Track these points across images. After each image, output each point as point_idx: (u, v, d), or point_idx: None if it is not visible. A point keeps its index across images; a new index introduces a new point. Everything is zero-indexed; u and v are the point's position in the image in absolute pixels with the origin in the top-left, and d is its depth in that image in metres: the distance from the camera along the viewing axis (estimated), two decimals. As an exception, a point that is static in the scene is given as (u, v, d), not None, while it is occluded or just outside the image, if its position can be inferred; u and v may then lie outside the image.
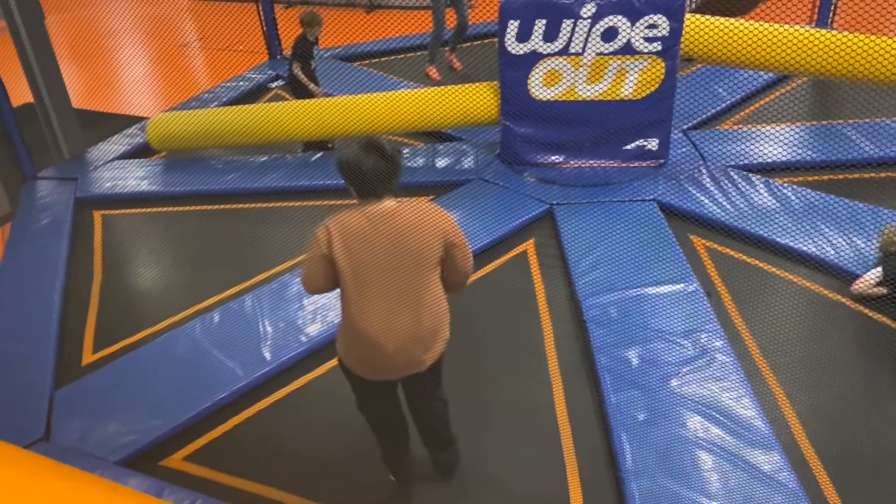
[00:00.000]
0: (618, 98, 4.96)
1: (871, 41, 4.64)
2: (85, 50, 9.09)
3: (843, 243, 4.04)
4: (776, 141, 5.37)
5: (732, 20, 5.07)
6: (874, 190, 4.77)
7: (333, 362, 3.70)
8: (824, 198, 4.56)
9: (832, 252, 4.10)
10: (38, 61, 5.63)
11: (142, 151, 6.08)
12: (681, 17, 4.71)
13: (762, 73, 6.36)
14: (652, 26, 4.71)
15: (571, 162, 5.23)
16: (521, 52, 4.86)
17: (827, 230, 4.24)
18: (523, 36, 4.81)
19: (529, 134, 5.15)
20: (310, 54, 5.70)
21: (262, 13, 7.38)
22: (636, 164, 5.19)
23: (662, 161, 5.20)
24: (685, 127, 5.66)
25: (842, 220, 4.28)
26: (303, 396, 3.58)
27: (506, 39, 4.84)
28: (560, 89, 4.97)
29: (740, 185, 4.81)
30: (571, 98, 4.99)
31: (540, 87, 4.98)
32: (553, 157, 5.23)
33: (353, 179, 2.31)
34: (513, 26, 4.79)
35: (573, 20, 4.72)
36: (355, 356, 2.48)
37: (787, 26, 4.94)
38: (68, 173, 5.75)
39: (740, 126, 5.76)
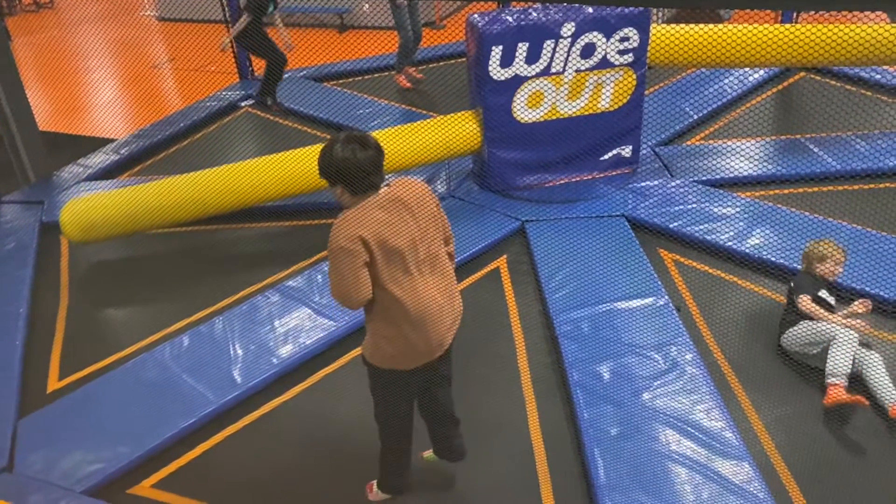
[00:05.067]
0: (596, 111, 5.06)
1: (819, 29, 4.98)
2: (52, 72, 9.00)
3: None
4: (742, 156, 5.49)
5: (690, 26, 5.31)
6: (836, 202, 4.88)
7: (305, 385, 3.69)
8: (787, 212, 4.66)
9: (797, 264, 4.16)
10: (2, 84, 5.55)
11: (109, 173, 6.02)
12: (648, 28, 4.88)
13: (727, 89, 6.54)
14: (624, 39, 4.84)
15: (556, 179, 5.26)
16: (505, 78, 4.87)
17: (790, 243, 4.32)
18: (506, 61, 4.81)
19: (516, 158, 5.14)
20: (263, 6, 5.92)
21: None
22: (614, 172, 5.31)
23: (635, 166, 5.36)
24: (653, 143, 5.75)
25: (806, 234, 4.35)
26: (273, 420, 3.52)
27: (489, 66, 4.80)
28: (543, 110, 5.02)
29: (707, 200, 4.89)
30: (554, 117, 5.04)
31: (524, 109, 5.00)
32: (539, 177, 5.24)
33: (350, 180, 2.23)
34: (496, 52, 4.77)
35: (554, 40, 4.79)
36: (410, 348, 2.42)
37: (736, 26, 5.27)
38: (34, 197, 5.66)
39: (707, 141, 5.87)
